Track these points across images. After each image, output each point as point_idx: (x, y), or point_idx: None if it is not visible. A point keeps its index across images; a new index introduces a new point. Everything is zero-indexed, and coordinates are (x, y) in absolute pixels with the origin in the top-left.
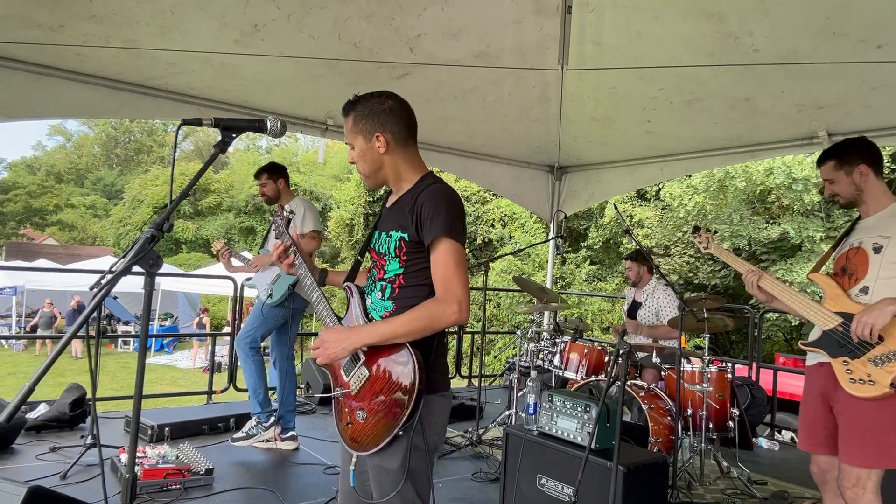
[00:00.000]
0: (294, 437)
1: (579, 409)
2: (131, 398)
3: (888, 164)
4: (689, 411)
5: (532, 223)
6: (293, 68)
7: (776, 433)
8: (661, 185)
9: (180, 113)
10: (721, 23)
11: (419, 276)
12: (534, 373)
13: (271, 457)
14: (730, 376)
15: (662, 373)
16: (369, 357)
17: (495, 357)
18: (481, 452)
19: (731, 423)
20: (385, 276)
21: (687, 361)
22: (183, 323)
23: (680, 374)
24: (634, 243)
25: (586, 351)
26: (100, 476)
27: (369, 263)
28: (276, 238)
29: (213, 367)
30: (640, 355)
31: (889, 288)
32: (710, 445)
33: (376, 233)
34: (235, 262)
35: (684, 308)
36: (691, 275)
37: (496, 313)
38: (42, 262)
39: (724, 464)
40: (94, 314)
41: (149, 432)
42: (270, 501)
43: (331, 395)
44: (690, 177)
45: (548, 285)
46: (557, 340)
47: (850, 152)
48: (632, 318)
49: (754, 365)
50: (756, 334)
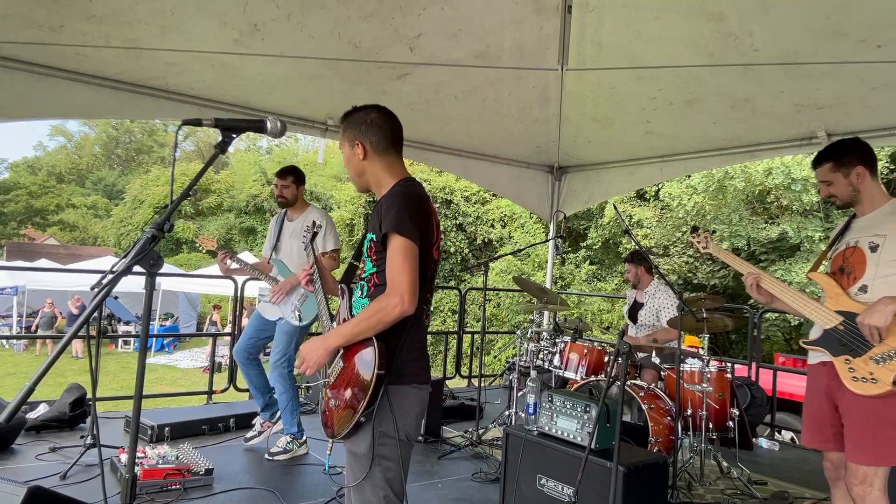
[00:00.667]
0: (306, 441)
1: (579, 409)
2: (131, 398)
3: (887, 165)
4: (689, 411)
5: (532, 223)
6: (293, 68)
7: (776, 433)
8: (660, 186)
9: (180, 113)
10: (721, 23)
11: None
12: (534, 373)
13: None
14: (729, 376)
15: (662, 373)
16: (345, 351)
17: (495, 357)
18: (481, 452)
19: (730, 423)
20: (363, 276)
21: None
22: (183, 323)
23: (680, 374)
24: (634, 243)
25: (586, 351)
26: (100, 476)
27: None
28: (304, 249)
29: (213, 367)
30: (639, 355)
31: (887, 286)
32: (710, 445)
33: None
34: (234, 265)
35: (684, 308)
36: (690, 275)
37: (496, 313)
38: (43, 263)
39: (725, 464)
40: (95, 314)
41: (149, 432)
42: (270, 502)
43: (316, 383)
44: (690, 177)
45: (547, 285)
46: (557, 340)
47: (847, 154)
48: (633, 318)
49: (754, 365)
50: (755, 334)
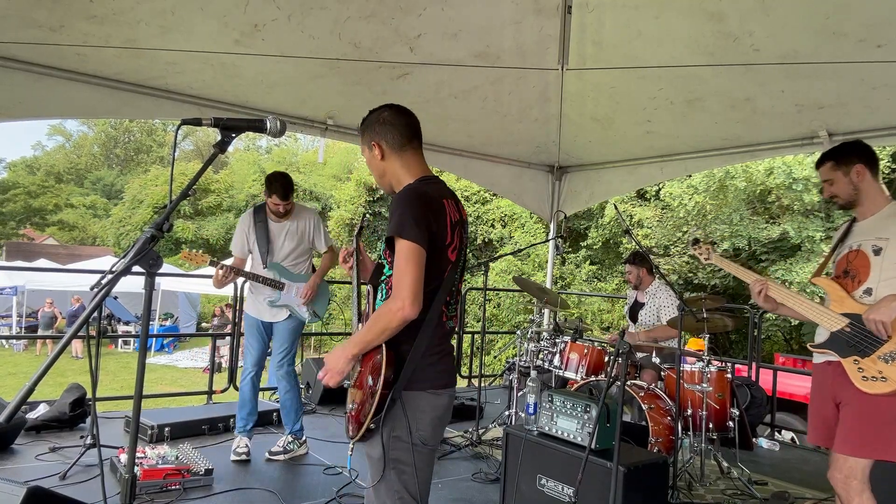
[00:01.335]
0: (305, 441)
1: (579, 409)
2: (131, 398)
3: (889, 164)
4: (689, 411)
5: (532, 223)
6: (293, 68)
7: (776, 433)
8: (660, 185)
9: (180, 113)
10: (721, 22)
11: None
12: (534, 373)
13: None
14: (729, 376)
15: (662, 373)
16: (363, 357)
17: (495, 357)
18: (481, 452)
19: (731, 424)
20: (382, 279)
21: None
22: (183, 323)
23: (680, 374)
24: (634, 243)
25: (586, 351)
26: (99, 476)
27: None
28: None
29: (213, 367)
30: (639, 355)
31: (892, 288)
32: (710, 445)
33: None
34: (235, 278)
35: (684, 308)
36: (691, 275)
37: (496, 313)
38: (42, 262)
39: (725, 464)
40: (95, 314)
41: (149, 432)
42: (270, 502)
43: (343, 384)
44: (690, 177)
45: (548, 285)
46: (557, 340)
47: (848, 153)
48: (633, 318)
49: (754, 365)
50: (756, 334)
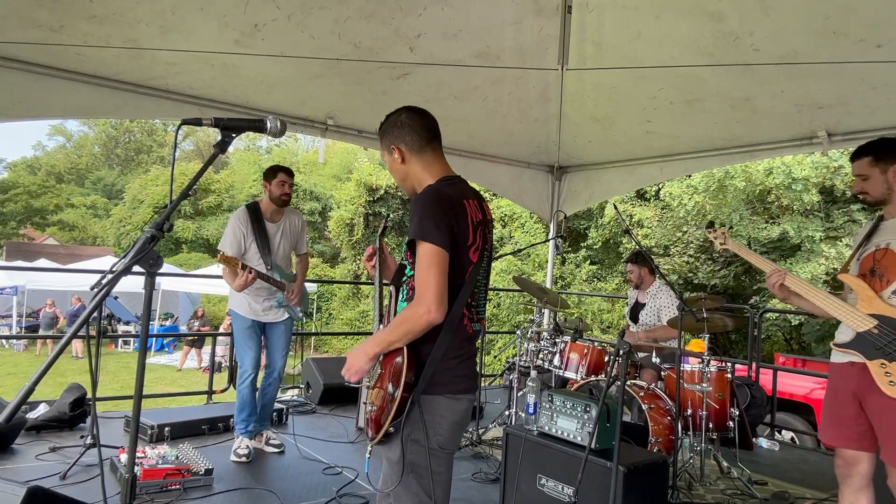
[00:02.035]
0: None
1: (579, 409)
2: (131, 398)
3: None
4: (689, 411)
5: (532, 223)
6: (293, 68)
7: (776, 433)
8: (660, 185)
9: (180, 113)
10: (721, 22)
11: None
12: (534, 373)
13: (271, 457)
14: (729, 376)
15: (662, 373)
16: (384, 357)
17: (495, 357)
18: (481, 452)
19: (731, 423)
20: (404, 279)
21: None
22: (183, 323)
23: (680, 374)
24: (634, 243)
25: (586, 351)
26: (99, 476)
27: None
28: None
29: (213, 367)
30: (639, 355)
31: None
32: (710, 445)
33: None
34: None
35: (684, 308)
36: (691, 275)
37: (496, 313)
38: (43, 262)
39: (725, 464)
40: (95, 314)
41: (149, 432)
42: (270, 501)
43: (359, 385)
44: (690, 177)
45: (548, 285)
46: (557, 340)
47: (889, 151)
48: (634, 319)
49: (754, 365)
50: (756, 334)
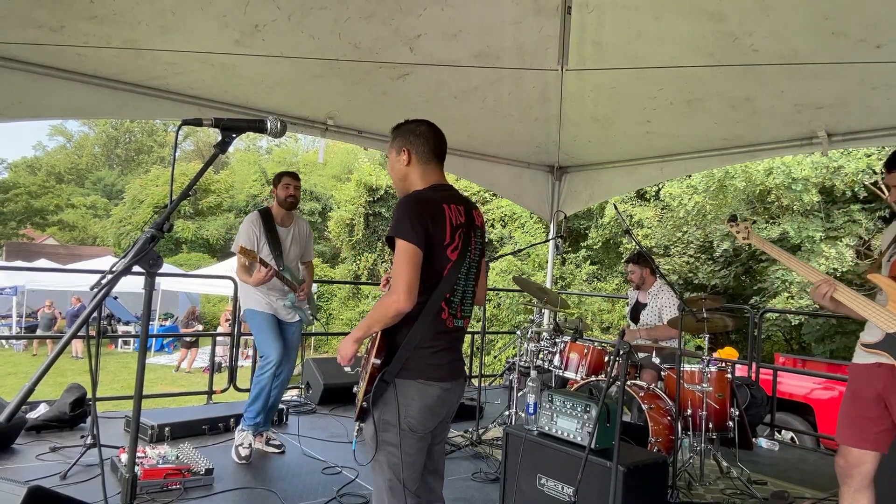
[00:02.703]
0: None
1: (579, 409)
2: (131, 398)
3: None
4: (689, 411)
5: (532, 223)
6: (293, 68)
7: (776, 433)
8: (660, 185)
9: (180, 113)
10: (721, 23)
11: None
12: (534, 373)
13: (271, 457)
14: (729, 376)
15: (662, 373)
16: (369, 343)
17: (495, 357)
18: (481, 452)
19: (730, 423)
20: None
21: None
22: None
23: (680, 374)
24: (634, 243)
25: (586, 351)
26: (100, 476)
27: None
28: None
29: (213, 367)
30: (639, 355)
31: None
32: (709, 445)
33: None
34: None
35: (684, 308)
36: (691, 275)
37: (496, 313)
38: (42, 263)
39: (724, 464)
40: (95, 314)
41: (149, 432)
42: (270, 501)
43: (355, 371)
44: (690, 177)
45: (548, 285)
46: (557, 340)
47: None
48: (635, 319)
49: (754, 365)
50: (756, 334)
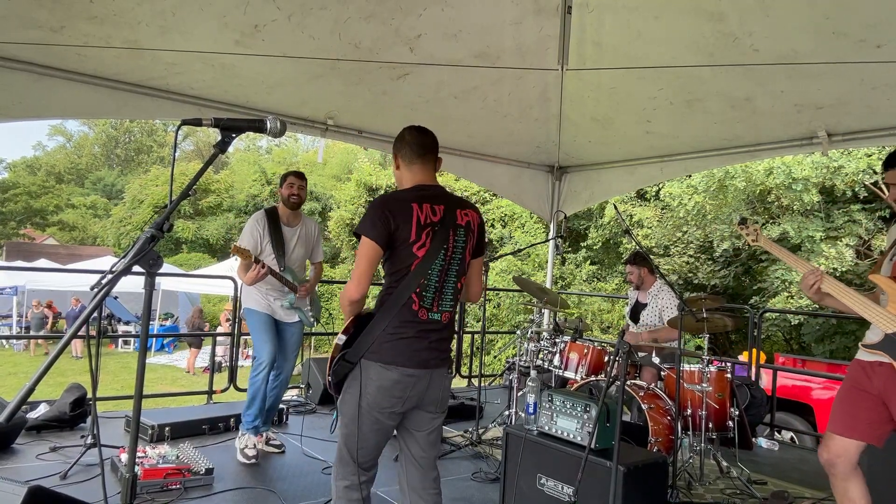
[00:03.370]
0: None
1: (579, 409)
2: (131, 398)
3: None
4: (689, 411)
5: (532, 223)
6: (293, 69)
7: (776, 433)
8: (660, 185)
9: (180, 113)
10: (721, 23)
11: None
12: (534, 373)
13: (271, 457)
14: (729, 376)
15: (662, 373)
16: None
17: (495, 357)
18: (481, 452)
19: (730, 423)
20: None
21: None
22: (183, 323)
23: (680, 374)
24: (634, 243)
25: (586, 351)
26: (100, 476)
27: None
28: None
29: (214, 367)
30: (639, 355)
31: None
32: (709, 445)
33: None
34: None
35: (684, 308)
36: (691, 275)
37: (496, 313)
38: (42, 263)
39: (724, 464)
40: (95, 314)
41: (149, 432)
42: (270, 501)
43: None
44: (690, 177)
45: (548, 285)
46: (557, 340)
47: None
48: (635, 319)
49: (754, 365)
50: (756, 334)
